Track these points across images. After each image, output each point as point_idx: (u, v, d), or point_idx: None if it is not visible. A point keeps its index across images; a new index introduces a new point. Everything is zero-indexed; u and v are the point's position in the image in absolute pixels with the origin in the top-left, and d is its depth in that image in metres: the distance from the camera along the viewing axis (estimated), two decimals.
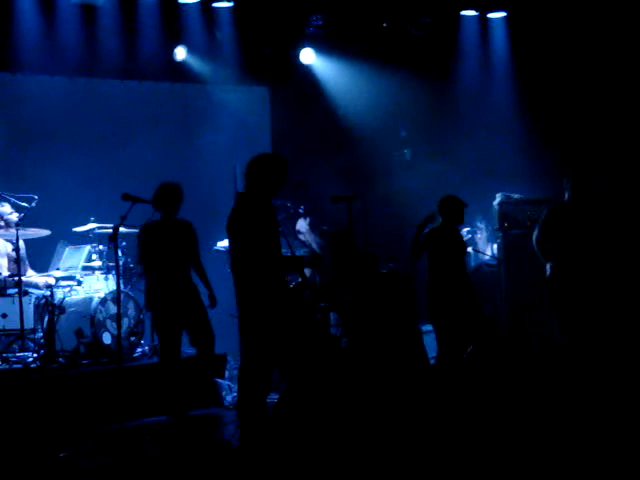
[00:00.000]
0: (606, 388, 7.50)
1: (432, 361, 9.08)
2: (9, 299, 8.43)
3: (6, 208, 8.77)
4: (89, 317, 8.54)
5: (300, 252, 9.14)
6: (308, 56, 11.19)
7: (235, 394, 8.74)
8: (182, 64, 10.67)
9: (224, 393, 8.74)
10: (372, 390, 7.89)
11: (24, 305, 8.27)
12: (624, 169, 10.13)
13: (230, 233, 6.74)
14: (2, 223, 8.74)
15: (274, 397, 7.22)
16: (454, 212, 8.47)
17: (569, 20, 10.48)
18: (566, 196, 8.45)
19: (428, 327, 9.61)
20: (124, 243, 8.89)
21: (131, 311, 8.79)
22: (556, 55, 10.73)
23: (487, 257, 10.59)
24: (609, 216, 8.36)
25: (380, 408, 7.68)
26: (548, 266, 8.63)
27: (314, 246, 9.47)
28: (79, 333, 8.52)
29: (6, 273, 8.69)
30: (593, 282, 8.05)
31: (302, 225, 9.49)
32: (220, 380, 8.81)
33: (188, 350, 8.34)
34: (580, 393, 7.43)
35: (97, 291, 8.84)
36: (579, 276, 8.08)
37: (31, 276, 8.85)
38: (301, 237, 9.48)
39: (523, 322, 9.88)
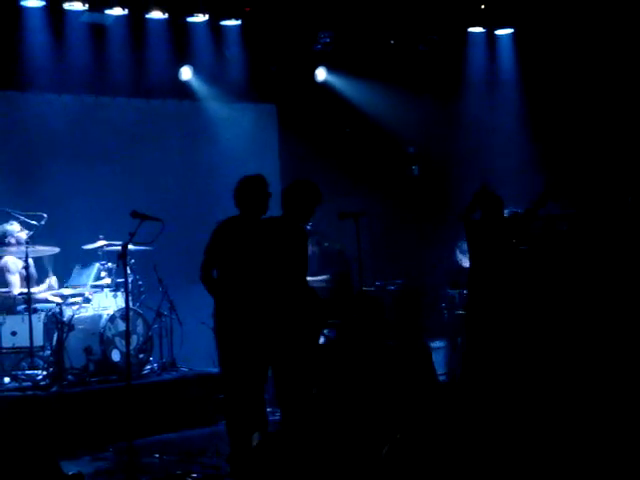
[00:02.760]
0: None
1: (441, 378, 9.07)
2: (19, 316, 8.46)
3: (15, 226, 8.79)
4: (98, 334, 8.55)
5: None
6: (321, 74, 11.24)
7: None
8: (190, 82, 10.72)
9: None
10: (379, 407, 7.87)
11: (33, 322, 8.30)
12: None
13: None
14: (13, 241, 8.76)
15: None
16: (489, 206, 8.33)
17: (576, 36, 10.50)
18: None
19: (438, 344, 9.60)
20: (133, 260, 8.90)
21: (140, 328, 8.80)
22: (563, 71, 10.75)
23: None
24: None
25: (387, 425, 7.66)
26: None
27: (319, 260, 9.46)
28: (88, 350, 8.53)
29: (18, 291, 8.72)
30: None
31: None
32: None
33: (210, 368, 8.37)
34: None
35: (106, 308, 8.84)
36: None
37: (41, 291, 8.87)
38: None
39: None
